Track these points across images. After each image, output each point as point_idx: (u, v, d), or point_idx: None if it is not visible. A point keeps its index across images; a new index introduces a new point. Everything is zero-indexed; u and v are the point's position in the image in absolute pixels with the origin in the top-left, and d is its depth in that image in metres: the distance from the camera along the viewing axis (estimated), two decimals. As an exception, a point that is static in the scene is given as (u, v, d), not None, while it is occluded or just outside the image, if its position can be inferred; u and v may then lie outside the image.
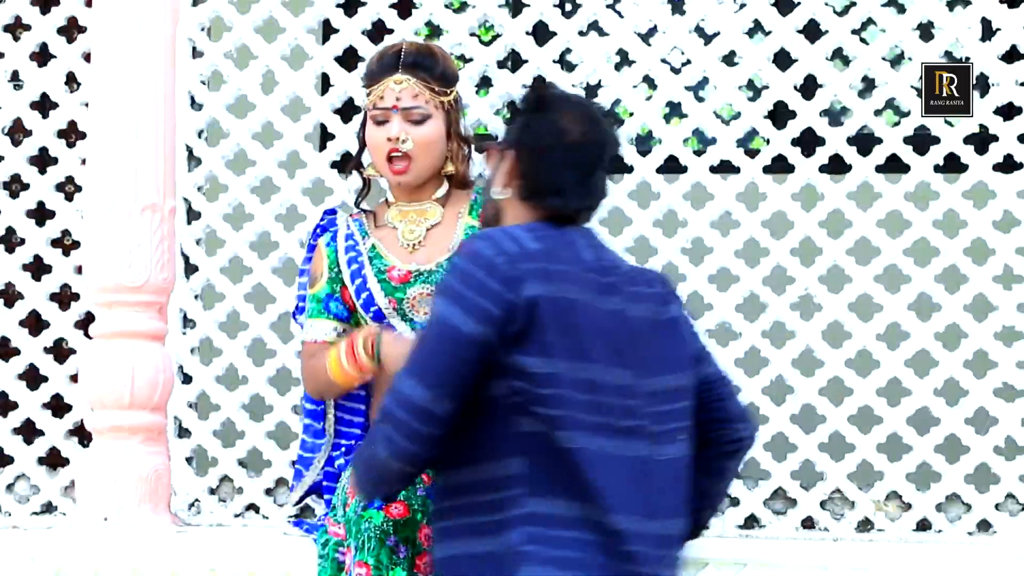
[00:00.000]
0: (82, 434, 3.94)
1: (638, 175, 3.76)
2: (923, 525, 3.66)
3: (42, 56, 3.98)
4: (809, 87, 3.73)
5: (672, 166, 3.78)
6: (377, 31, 3.85)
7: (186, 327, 3.86)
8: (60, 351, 3.96)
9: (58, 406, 3.94)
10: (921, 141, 3.71)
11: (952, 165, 3.72)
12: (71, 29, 3.97)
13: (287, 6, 3.89)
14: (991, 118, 3.69)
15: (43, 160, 4.02)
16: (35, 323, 3.97)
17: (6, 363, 3.94)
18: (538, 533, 2.54)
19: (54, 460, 3.97)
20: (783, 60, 3.73)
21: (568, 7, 4.01)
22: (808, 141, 3.74)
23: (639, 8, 3.78)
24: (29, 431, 3.95)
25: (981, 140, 3.83)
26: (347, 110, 3.84)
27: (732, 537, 3.66)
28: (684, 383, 2.61)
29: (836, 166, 3.73)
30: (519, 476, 2.54)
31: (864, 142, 3.83)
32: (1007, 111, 3.73)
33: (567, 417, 2.56)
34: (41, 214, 4.02)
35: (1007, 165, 3.73)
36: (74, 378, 3.89)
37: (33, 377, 3.96)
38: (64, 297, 4.02)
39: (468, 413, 2.52)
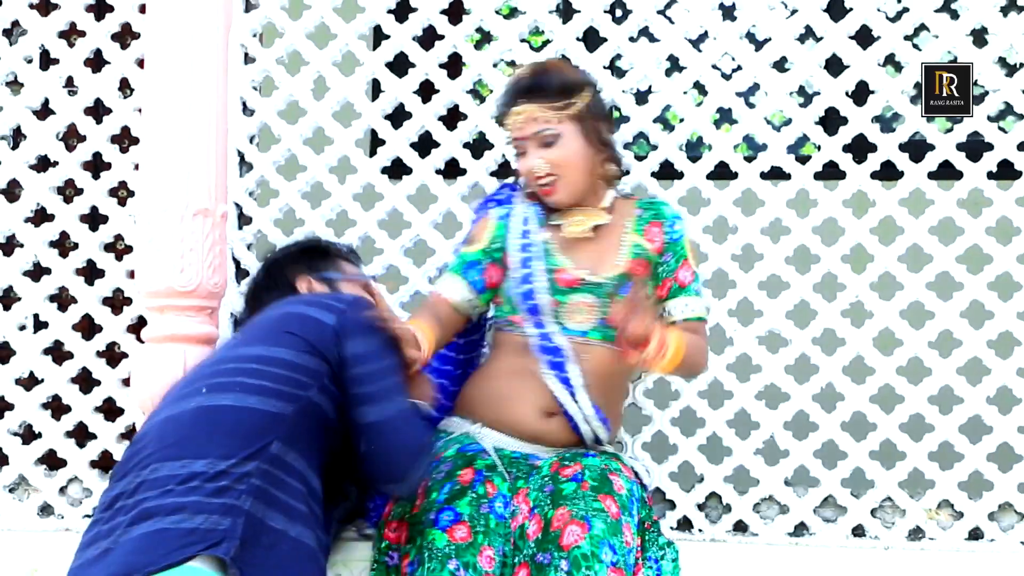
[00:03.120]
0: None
1: (688, 181, 3.76)
2: (975, 534, 3.63)
3: (96, 62, 4.00)
4: (861, 93, 3.71)
5: (722, 172, 3.77)
6: (428, 37, 3.86)
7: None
8: (112, 355, 3.99)
9: (110, 410, 3.96)
10: (974, 147, 3.69)
11: (1005, 172, 3.69)
12: (125, 35, 4.00)
13: (339, 12, 3.91)
14: (1047, 124, 3.66)
15: (96, 165, 4.05)
16: (88, 327, 4.00)
17: (59, 367, 3.97)
18: None
19: (106, 463, 3.99)
20: (835, 66, 3.72)
21: (619, 13, 4.01)
22: (860, 147, 3.72)
23: (690, 14, 3.78)
24: (82, 434, 3.98)
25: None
26: (398, 116, 3.86)
27: (782, 545, 3.65)
28: (267, 352, 3.01)
29: (888, 172, 3.71)
30: None
31: (916, 148, 3.81)
32: (1061, 117, 3.71)
33: None
34: (94, 219, 4.05)
35: (1062, 172, 3.71)
36: (126, 382, 3.91)
37: (86, 381, 3.98)
38: (116, 301, 4.05)
39: None
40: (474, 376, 3.45)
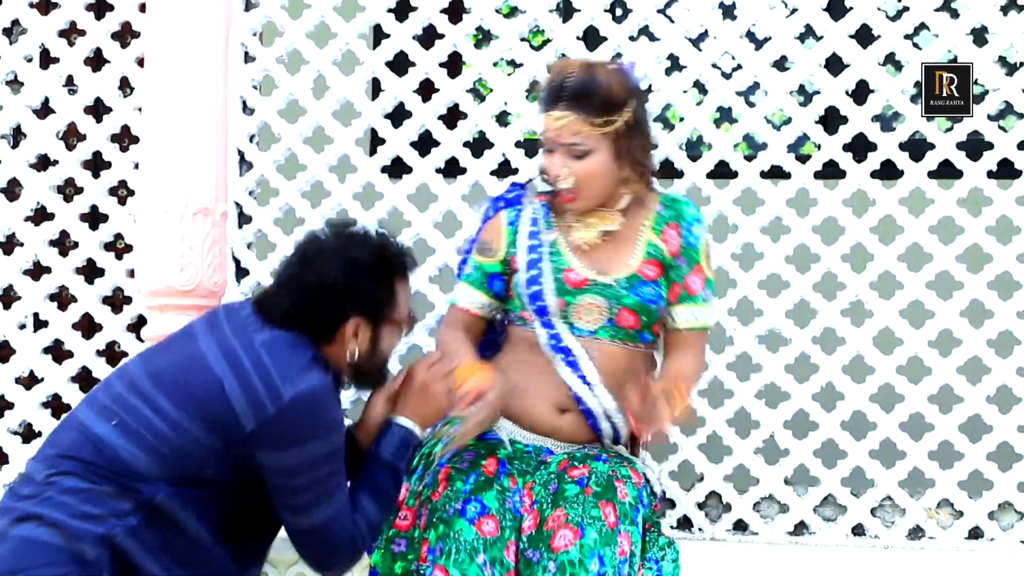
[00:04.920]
0: (134, 436, 3.95)
1: (688, 180, 3.76)
2: (975, 533, 3.64)
3: (96, 61, 4.01)
4: (861, 92, 3.71)
5: (722, 171, 3.77)
6: (428, 36, 3.86)
7: (237, 330, 3.87)
8: (112, 354, 3.99)
9: (110, 408, 3.96)
10: (974, 146, 3.69)
11: (1005, 171, 3.69)
12: (125, 34, 4.00)
13: (338, 11, 3.91)
14: (1047, 124, 3.66)
15: (96, 164, 4.05)
16: (88, 326, 4.00)
17: (59, 366, 3.98)
18: None
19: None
20: (835, 65, 3.72)
21: (619, 12, 4.00)
22: (860, 146, 3.72)
23: (690, 13, 3.78)
24: (82, 433, 3.97)
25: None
26: (398, 115, 3.86)
27: (781, 544, 3.65)
28: (179, 419, 2.82)
29: (888, 172, 3.71)
30: None
31: (916, 147, 3.81)
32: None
33: None
34: (94, 218, 4.05)
35: (1062, 171, 3.71)
36: (126, 381, 3.91)
37: (86, 380, 3.98)
38: (116, 300, 4.05)
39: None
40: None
